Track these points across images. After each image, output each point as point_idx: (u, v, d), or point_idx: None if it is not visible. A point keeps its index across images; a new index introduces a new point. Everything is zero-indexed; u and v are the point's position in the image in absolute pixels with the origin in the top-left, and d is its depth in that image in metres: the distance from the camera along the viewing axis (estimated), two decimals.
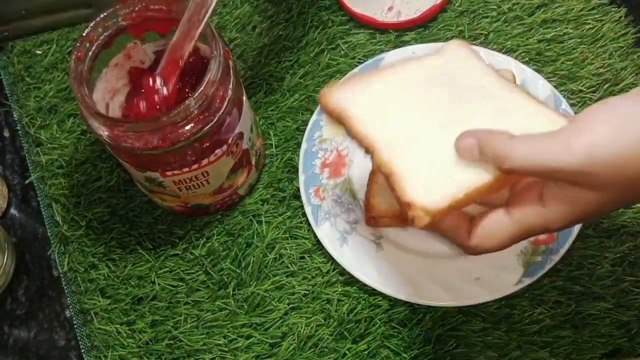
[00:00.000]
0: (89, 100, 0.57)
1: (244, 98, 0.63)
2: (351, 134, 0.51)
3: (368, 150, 0.49)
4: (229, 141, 0.61)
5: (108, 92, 0.64)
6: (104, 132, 0.57)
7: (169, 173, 0.60)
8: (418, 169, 0.47)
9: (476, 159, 0.45)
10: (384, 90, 0.52)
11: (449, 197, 0.46)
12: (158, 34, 0.64)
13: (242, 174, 0.67)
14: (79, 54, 0.58)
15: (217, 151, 0.61)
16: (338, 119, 0.51)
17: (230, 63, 0.59)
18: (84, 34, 0.59)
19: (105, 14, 0.60)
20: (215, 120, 0.57)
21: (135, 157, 0.59)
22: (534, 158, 0.42)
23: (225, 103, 0.58)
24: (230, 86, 0.59)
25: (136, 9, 0.60)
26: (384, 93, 0.52)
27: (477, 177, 0.47)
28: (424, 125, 0.50)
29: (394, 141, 0.48)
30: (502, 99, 0.51)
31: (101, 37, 0.60)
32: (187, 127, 0.56)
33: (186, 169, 0.60)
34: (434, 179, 0.46)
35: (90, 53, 0.59)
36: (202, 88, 0.55)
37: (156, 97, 0.59)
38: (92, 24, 0.59)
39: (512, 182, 0.48)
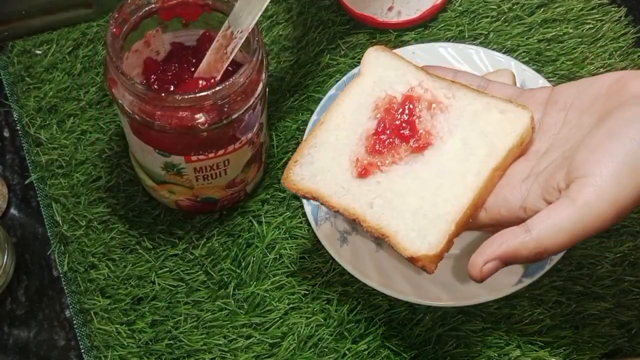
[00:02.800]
0: (125, 77, 0.56)
1: (266, 90, 0.64)
2: (332, 210, 0.52)
3: (355, 222, 0.50)
4: (254, 130, 0.62)
5: None
6: (136, 107, 0.56)
7: (193, 158, 0.60)
8: (404, 221, 0.49)
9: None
10: (332, 151, 0.53)
11: (442, 234, 0.47)
12: (181, 24, 0.64)
13: (253, 169, 0.67)
14: (115, 29, 0.59)
15: (242, 138, 0.61)
16: (315, 199, 0.53)
17: (264, 51, 0.60)
18: (120, 10, 0.59)
19: None
20: (250, 104, 0.58)
21: (164, 138, 0.58)
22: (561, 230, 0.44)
23: (260, 87, 0.59)
24: (264, 72, 0.60)
25: None
26: (334, 154, 0.53)
27: (459, 203, 0.48)
28: (388, 169, 0.51)
29: (371, 201, 0.50)
30: (451, 102, 0.52)
31: (134, 17, 0.61)
32: (226, 107, 0.57)
33: (212, 154, 0.60)
34: (422, 224, 0.48)
35: (123, 31, 0.60)
36: (246, 68, 0.56)
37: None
38: (128, 1, 0.60)
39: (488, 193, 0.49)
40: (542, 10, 0.78)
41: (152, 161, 0.63)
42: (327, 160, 0.53)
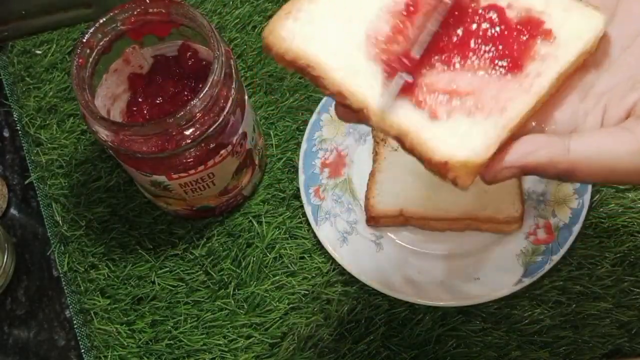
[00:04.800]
0: (93, 107, 0.57)
1: (246, 98, 0.63)
2: (326, 91, 0.39)
3: (358, 113, 0.38)
4: (234, 141, 0.61)
5: (109, 99, 0.64)
6: (109, 137, 0.57)
7: (175, 176, 0.60)
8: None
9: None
10: (340, 14, 0.40)
11: (491, 139, 0.36)
12: (157, 38, 0.63)
13: (247, 174, 0.67)
14: (80, 60, 0.58)
15: (222, 152, 0.61)
16: (305, 70, 0.39)
17: (232, 63, 0.59)
18: (84, 40, 0.59)
19: (104, 19, 0.59)
20: (219, 121, 0.57)
21: (142, 161, 0.59)
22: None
23: (229, 103, 0.58)
24: (233, 86, 0.59)
25: (135, 12, 0.60)
26: (342, 20, 0.40)
27: (516, 106, 0.37)
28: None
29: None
30: None
31: (101, 43, 0.60)
32: (193, 129, 0.56)
33: (192, 171, 0.60)
34: (462, 124, 0.37)
35: (90, 59, 0.59)
36: (206, 89, 0.55)
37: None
38: (91, 30, 0.59)
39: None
40: None
41: (140, 178, 0.63)
42: (332, 22, 0.40)
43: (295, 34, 0.39)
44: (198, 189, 0.63)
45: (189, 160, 0.59)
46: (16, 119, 0.77)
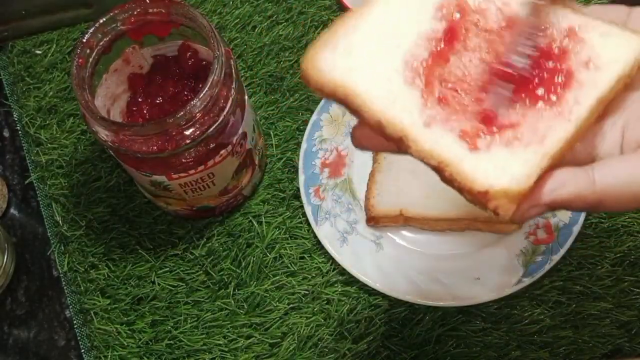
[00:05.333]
0: (93, 107, 0.57)
1: (246, 98, 0.63)
2: (364, 121, 0.39)
3: (397, 143, 0.38)
4: (234, 141, 0.61)
5: (109, 99, 0.64)
6: (109, 137, 0.56)
7: (175, 176, 0.60)
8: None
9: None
10: (379, 41, 0.40)
11: (532, 167, 0.36)
12: (157, 38, 0.63)
13: (247, 174, 0.67)
14: (80, 60, 0.58)
15: (222, 152, 0.61)
16: (344, 102, 0.39)
17: (232, 63, 0.59)
18: (84, 40, 0.59)
19: (104, 19, 0.59)
20: (219, 121, 0.57)
21: (141, 161, 0.59)
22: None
23: (229, 103, 0.58)
24: (233, 86, 0.59)
25: (135, 12, 0.60)
26: (381, 46, 0.40)
27: (555, 134, 0.37)
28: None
29: (428, 118, 0.38)
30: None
31: (101, 43, 0.60)
32: (193, 129, 0.56)
33: (192, 171, 0.60)
34: (501, 154, 0.37)
35: (90, 59, 0.59)
36: (206, 89, 0.55)
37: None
38: (91, 30, 0.59)
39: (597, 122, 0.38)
40: None
41: (140, 178, 0.63)
42: (370, 51, 0.39)
43: (334, 65, 0.39)
44: (198, 189, 0.63)
45: (189, 160, 0.59)
46: (16, 119, 0.77)
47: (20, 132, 0.76)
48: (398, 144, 0.38)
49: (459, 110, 0.38)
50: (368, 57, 0.39)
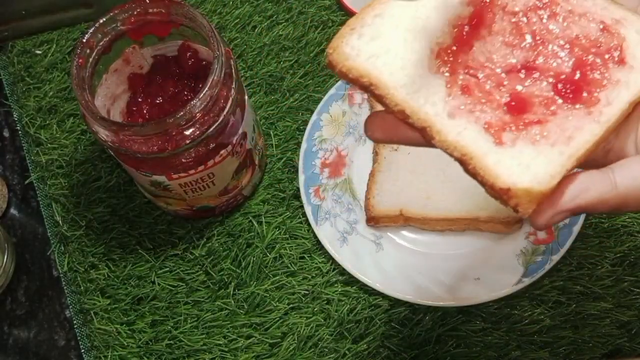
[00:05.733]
0: (93, 107, 0.57)
1: (246, 98, 0.63)
2: (389, 109, 0.38)
3: (421, 132, 0.37)
4: (234, 142, 0.61)
5: (109, 99, 0.64)
6: (109, 137, 0.56)
7: (175, 176, 0.60)
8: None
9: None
10: (405, 28, 0.39)
11: (556, 167, 0.35)
12: (157, 38, 0.63)
13: (247, 174, 0.67)
14: (80, 60, 0.58)
15: (222, 152, 0.61)
16: (368, 88, 0.38)
17: (232, 63, 0.59)
18: (84, 40, 0.59)
19: (104, 19, 0.59)
20: (219, 121, 0.57)
21: (141, 161, 0.59)
22: None
23: (229, 103, 0.58)
24: (233, 86, 0.59)
25: (135, 12, 0.60)
26: (407, 34, 0.39)
27: (582, 136, 0.36)
28: (489, 64, 0.38)
29: (453, 109, 0.37)
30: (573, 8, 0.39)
31: (101, 43, 0.60)
32: (193, 129, 0.56)
33: (192, 171, 0.60)
34: (526, 151, 0.36)
35: (90, 59, 0.59)
36: (206, 89, 0.55)
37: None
38: (91, 30, 0.59)
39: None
40: None
41: (140, 178, 0.63)
42: (396, 38, 0.39)
43: (359, 50, 0.38)
44: (198, 189, 0.63)
45: (189, 160, 0.59)
46: (16, 119, 0.77)
47: (20, 132, 0.76)
48: (422, 133, 0.37)
49: (485, 100, 0.37)
50: (393, 43, 0.39)
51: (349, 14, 0.78)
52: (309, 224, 0.68)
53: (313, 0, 0.79)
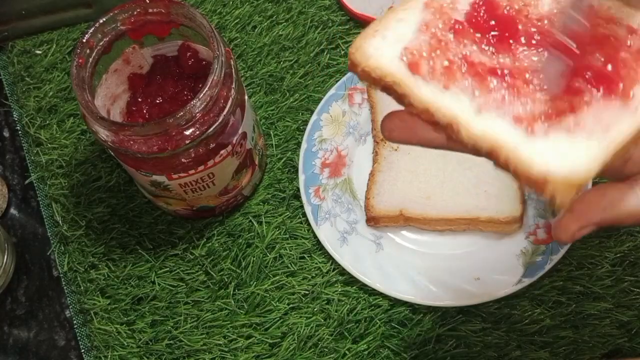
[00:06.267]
0: (93, 107, 0.57)
1: (246, 98, 0.63)
2: (410, 105, 0.37)
3: (446, 130, 0.37)
4: (234, 142, 0.61)
5: (109, 99, 0.64)
6: (109, 137, 0.56)
7: (175, 176, 0.60)
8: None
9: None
10: (429, 32, 0.39)
11: (593, 157, 0.34)
12: (157, 38, 0.63)
13: (247, 174, 0.67)
14: (80, 60, 0.58)
15: (222, 152, 0.61)
16: (391, 88, 0.38)
17: (232, 63, 0.59)
18: (84, 40, 0.58)
19: (104, 19, 0.59)
20: (219, 121, 0.57)
21: (141, 161, 0.59)
22: None
23: (229, 103, 0.58)
24: (233, 86, 0.59)
25: (135, 12, 0.60)
26: (430, 36, 0.38)
27: (619, 127, 0.35)
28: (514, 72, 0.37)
29: (479, 105, 0.37)
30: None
31: (101, 43, 0.60)
32: (193, 129, 0.56)
33: (192, 171, 0.60)
34: (560, 142, 0.35)
35: (90, 59, 0.59)
36: (206, 89, 0.55)
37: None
38: (91, 30, 0.59)
39: None
40: None
41: (140, 178, 0.63)
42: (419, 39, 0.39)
43: (383, 51, 0.38)
44: (198, 189, 0.63)
45: (189, 160, 0.59)
46: (16, 119, 0.77)
47: (20, 132, 0.76)
48: (447, 131, 0.36)
49: (514, 94, 0.36)
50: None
51: (349, 13, 0.78)
52: (309, 224, 0.68)
53: (313, 0, 0.79)
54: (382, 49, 0.38)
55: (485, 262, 0.65)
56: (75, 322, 0.67)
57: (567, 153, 0.34)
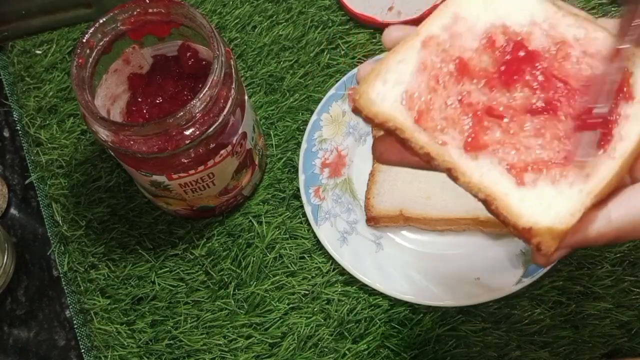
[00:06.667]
0: (93, 107, 0.57)
1: (246, 98, 0.63)
2: (413, 152, 0.39)
3: (447, 173, 0.39)
4: (234, 142, 0.61)
5: (109, 99, 0.64)
6: (109, 137, 0.56)
7: (175, 176, 0.60)
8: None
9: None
10: (427, 73, 0.39)
11: (576, 205, 0.36)
12: (157, 38, 0.63)
13: (247, 174, 0.67)
14: (80, 60, 0.58)
15: (222, 152, 0.61)
16: (393, 131, 0.39)
17: (232, 63, 0.59)
18: (84, 40, 0.58)
19: (104, 19, 0.59)
20: (219, 121, 0.57)
21: (141, 161, 0.59)
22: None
23: (229, 103, 0.58)
24: (233, 86, 0.59)
25: (135, 12, 0.60)
26: (429, 78, 0.39)
27: (600, 172, 0.37)
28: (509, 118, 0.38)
29: (476, 152, 0.38)
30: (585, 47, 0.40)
31: (101, 43, 0.60)
32: (193, 129, 0.56)
33: (192, 171, 0.60)
34: (546, 191, 0.37)
35: (90, 59, 0.59)
36: (206, 89, 0.55)
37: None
38: (91, 30, 0.59)
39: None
40: None
41: (140, 178, 0.63)
42: (417, 77, 0.39)
43: (384, 96, 0.39)
44: (198, 189, 0.63)
45: (189, 160, 0.59)
46: (16, 119, 0.77)
47: (20, 132, 0.76)
48: (447, 174, 0.38)
49: (507, 141, 0.38)
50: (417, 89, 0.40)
51: (349, 13, 0.78)
52: (309, 224, 0.68)
53: (313, 0, 0.79)
54: (383, 93, 0.39)
55: (485, 262, 0.65)
56: (75, 322, 0.67)
57: (551, 204, 0.36)
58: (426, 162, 0.39)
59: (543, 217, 0.36)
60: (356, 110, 0.39)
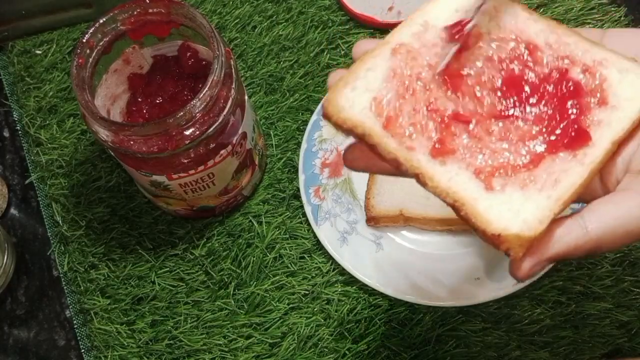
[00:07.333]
0: (93, 107, 0.57)
1: (246, 98, 0.63)
2: (383, 157, 0.39)
3: (415, 178, 0.38)
4: (234, 142, 0.61)
5: (109, 99, 0.64)
6: (109, 137, 0.56)
7: (175, 176, 0.60)
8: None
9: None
10: (398, 82, 0.40)
11: (544, 212, 0.36)
12: (157, 38, 0.63)
13: (247, 174, 0.67)
14: (80, 60, 0.58)
15: (222, 152, 0.61)
16: (361, 137, 0.39)
17: (232, 63, 0.59)
18: (84, 40, 0.58)
19: (104, 19, 0.59)
20: (219, 121, 0.57)
21: (141, 161, 0.59)
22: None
23: (229, 103, 0.58)
24: (233, 86, 0.59)
25: (135, 12, 0.60)
26: (399, 87, 0.39)
27: (568, 179, 0.37)
28: (479, 126, 0.38)
29: (444, 157, 0.38)
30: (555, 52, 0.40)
31: (101, 43, 0.60)
32: (193, 129, 0.56)
33: (192, 171, 0.60)
34: (515, 196, 0.37)
35: (90, 59, 0.59)
36: (206, 89, 0.55)
37: None
38: (91, 30, 0.59)
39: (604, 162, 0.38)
40: (542, 10, 0.78)
41: (140, 178, 0.63)
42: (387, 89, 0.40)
43: (353, 102, 0.39)
44: (198, 189, 0.63)
45: (189, 160, 0.59)
46: (16, 119, 0.77)
47: (20, 132, 0.76)
48: (416, 179, 0.38)
49: (475, 146, 0.38)
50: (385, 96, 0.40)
51: (349, 13, 0.78)
52: (309, 224, 0.68)
53: (313, 0, 0.79)
54: (352, 100, 0.39)
55: (485, 262, 0.65)
56: (75, 322, 0.67)
57: (520, 210, 0.36)
58: (395, 168, 0.39)
59: (511, 223, 0.36)
60: (326, 117, 0.39)
